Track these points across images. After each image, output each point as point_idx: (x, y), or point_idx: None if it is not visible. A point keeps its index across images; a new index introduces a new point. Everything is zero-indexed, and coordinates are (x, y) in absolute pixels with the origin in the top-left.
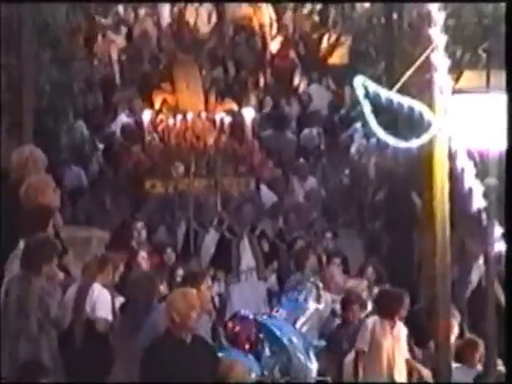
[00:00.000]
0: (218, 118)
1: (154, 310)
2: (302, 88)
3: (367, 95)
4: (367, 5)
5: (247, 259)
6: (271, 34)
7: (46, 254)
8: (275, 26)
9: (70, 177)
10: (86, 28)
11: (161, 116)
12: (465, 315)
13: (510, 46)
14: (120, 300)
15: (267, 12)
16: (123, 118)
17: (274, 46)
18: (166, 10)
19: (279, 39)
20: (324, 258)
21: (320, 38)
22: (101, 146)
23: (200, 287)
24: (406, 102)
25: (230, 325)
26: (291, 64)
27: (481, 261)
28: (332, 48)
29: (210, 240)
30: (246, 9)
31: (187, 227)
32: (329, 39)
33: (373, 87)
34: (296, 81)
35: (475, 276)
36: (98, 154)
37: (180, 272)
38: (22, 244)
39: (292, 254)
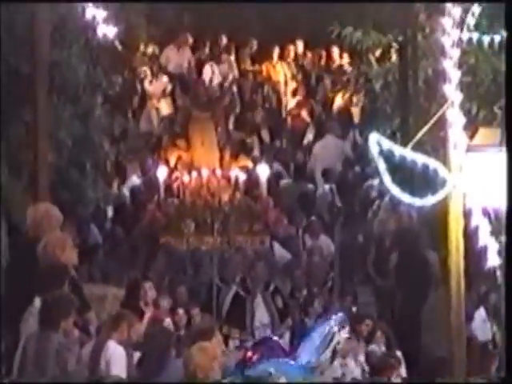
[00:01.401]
0: (232, 175)
1: (170, 364)
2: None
3: (382, 152)
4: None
5: (261, 316)
6: (285, 92)
7: (64, 310)
8: (290, 84)
9: (85, 234)
10: (106, 85)
11: (176, 173)
12: None
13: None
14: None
15: (282, 69)
16: (135, 179)
17: (290, 104)
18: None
19: (296, 98)
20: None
21: (333, 97)
22: (115, 203)
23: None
24: (421, 159)
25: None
26: (304, 123)
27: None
28: (346, 106)
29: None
30: (261, 66)
31: (210, 284)
32: (343, 97)
33: (387, 144)
34: (308, 138)
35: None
36: (112, 211)
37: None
38: (37, 301)
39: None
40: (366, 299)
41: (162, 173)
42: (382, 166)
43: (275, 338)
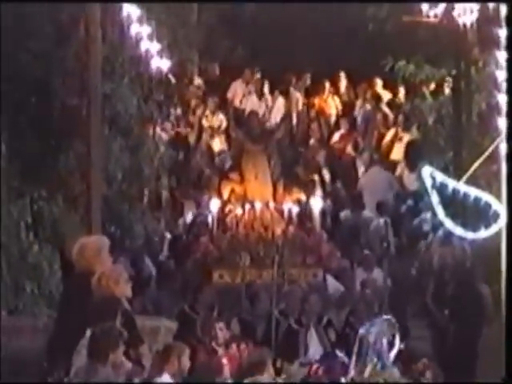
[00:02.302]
0: (286, 208)
1: None
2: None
3: (434, 185)
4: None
5: (314, 350)
6: (333, 127)
7: (112, 343)
8: (342, 119)
9: (139, 266)
10: (156, 117)
11: (229, 206)
12: None
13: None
14: None
15: (333, 103)
16: (190, 214)
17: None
18: (239, 94)
19: (341, 132)
20: None
21: (384, 133)
22: (169, 237)
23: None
24: (474, 192)
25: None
26: (349, 157)
27: None
28: (392, 143)
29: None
30: (314, 99)
31: (269, 318)
32: (395, 134)
33: (440, 177)
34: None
35: None
36: (166, 244)
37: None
38: (88, 333)
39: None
40: (419, 333)
41: (215, 205)
42: (435, 199)
43: (338, 353)
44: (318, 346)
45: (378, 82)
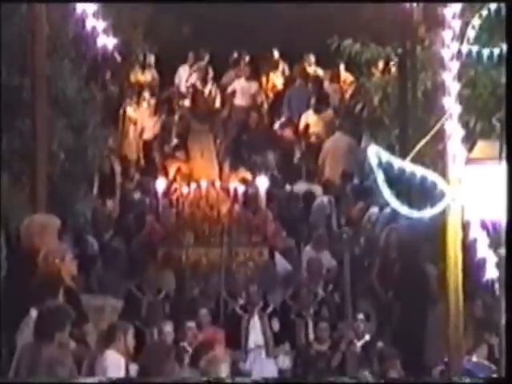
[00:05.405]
0: (231, 187)
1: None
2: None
3: (380, 165)
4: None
5: (255, 337)
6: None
7: (59, 322)
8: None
9: (83, 245)
10: (101, 99)
11: (175, 185)
12: None
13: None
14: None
15: (280, 83)
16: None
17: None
18: (183, 79)
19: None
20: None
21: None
22: (114, 215)
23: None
24: (420, 171)
25: None
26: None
27: None
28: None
29: None
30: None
31: (217, 299)
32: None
33: (386, 157)
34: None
35: None
36: (111, 223)
37: None
38: (33, 312)
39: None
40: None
41: (161, 184)
42: (380, 178)
43: None
44: (259, 335)
45: (312, 59)
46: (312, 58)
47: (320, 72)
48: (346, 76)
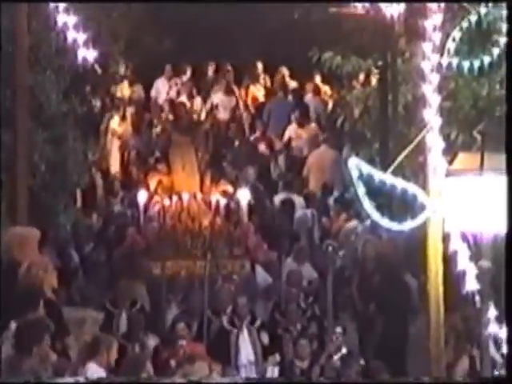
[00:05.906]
0: (213, 199)
1: None
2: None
3: (361, 177)
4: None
5: (246, 352)
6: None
7: (37, 335)
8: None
9: (64, 257)
10: (81, 111)
11: (156, 197)
12: None
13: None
14: None
15: (261, 95)
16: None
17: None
18: (162, 92)
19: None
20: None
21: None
22: (96, 227)
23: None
24: (400, 183)
25: None
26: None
27: None
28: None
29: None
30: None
31: (201, 315)
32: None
33: (367, 169)
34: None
35: None
36: (92, 235)
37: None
38: (13, 325)
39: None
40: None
41: (142, 196)
42: (361, 190)
43: None
44: (250, 350)
45: (285, 72)
46: (286, 71)
47: (294, 84)
48: (325, 89)
